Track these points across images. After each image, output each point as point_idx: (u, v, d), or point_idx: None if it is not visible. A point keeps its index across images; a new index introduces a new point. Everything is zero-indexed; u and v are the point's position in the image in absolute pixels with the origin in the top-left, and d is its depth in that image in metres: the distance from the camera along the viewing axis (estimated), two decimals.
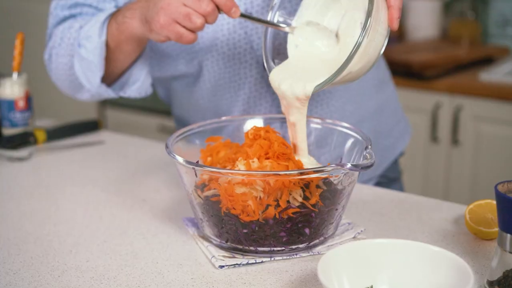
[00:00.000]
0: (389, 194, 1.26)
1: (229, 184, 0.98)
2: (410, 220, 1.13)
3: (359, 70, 1.03)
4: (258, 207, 0.98)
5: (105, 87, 1.32)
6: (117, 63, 1.29)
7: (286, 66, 1.12)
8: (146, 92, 1.36)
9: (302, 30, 1.11)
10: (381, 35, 1.03)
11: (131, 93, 1.34)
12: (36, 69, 2.14)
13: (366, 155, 1.01)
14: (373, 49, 1.02)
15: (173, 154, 1.02)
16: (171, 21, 1.09)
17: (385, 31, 1.03)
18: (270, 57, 1.13)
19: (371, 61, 1.04)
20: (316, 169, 0.97)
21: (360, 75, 1.05)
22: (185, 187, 1.05)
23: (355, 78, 1.05)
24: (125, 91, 1.34)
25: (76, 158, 1.47)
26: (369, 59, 1.03)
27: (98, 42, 1.25)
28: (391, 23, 1.03)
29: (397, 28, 1.04)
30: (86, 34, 1.27)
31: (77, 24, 1.32)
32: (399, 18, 1.03)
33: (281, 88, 1.07)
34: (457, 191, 2.46)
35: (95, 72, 1.28)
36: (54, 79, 1.39)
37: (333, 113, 1.38)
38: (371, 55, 1.02)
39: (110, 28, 1.25)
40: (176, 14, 1.08)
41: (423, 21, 2.80)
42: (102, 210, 1.19)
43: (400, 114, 1.56)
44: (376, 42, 1.02)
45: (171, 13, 1.09)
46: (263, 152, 1.02)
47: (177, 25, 1.09)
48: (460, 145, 2.42)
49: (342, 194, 1.03)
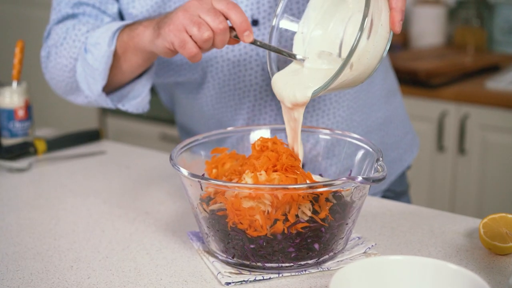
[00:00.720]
0: (398, 206, 1.23)
1: (236, 198, 0.95)
2: (422, 233, 1.10)
3: (359, 75, 1.00)
4: (266, 222, 0.94)
5: (105, 97, 1.28)
6: (120, 73, 1.26)
7: (288, 70, 1.09)
8: (144, 109, 1.33)
9: (313, 61, 1.08)
10: (383, 39, 0.99)
11: (129, 107, 1.31)
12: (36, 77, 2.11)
13: (378, 167, 0.98)
14: (373, 53, 0.98)
15: (177, 167, 0.99)
16: (181, 27, 1.06)
17: (387, 34, 0.99)
18: (274, 62, 1.11)
19: (373, 65, 1.00)
20: (326, 183, 0.94)
21: (362, 79, 1.02)
22: (190, 200, 1.02)
23: (356, 82, 1.02)
24: (124, 104, 1.31)
25: (77, 168, 1.44)
26: (370, 63, 0.99)
27: (107, 51, 1.22)
28: (393, 26, 0.99)
29: (399, 31, 1.00)
30: (95, 41, 1.23)
31: (84, 28, 1.28)
32: (401, 21, 0.99)
33: (282, 93, 1.05)
34: (464, 201, 2.43)
35: (97, 80, 1.25)
36: (48, 77, 1.36)
37: (340, 123, 1.35)
38: (371, 59, 0.99)
39: (121, 36, 1.22)
40: (187, 21, 1.05)
41: (427, 28, 2.78)
42: (104, 223, 1.16)
43: (408, 126, 1.53)
44: (376, 45, 0.98)
45: (183, 19, 1.06)
46: (270, 165, 0.99)
47: (184, 32, 1.06)
48: (467, 154, 2.40)
49: (352, 208, 1.00)
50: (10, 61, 1.50)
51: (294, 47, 1.11)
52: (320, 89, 0.99)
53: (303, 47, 1.10)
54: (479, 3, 2.78)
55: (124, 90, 1.31)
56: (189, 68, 1.32)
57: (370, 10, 0.94)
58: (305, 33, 1.11)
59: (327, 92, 1.01)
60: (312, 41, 1.09)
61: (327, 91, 1.01)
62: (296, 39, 1.11)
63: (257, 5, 1.26)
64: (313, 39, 1.09)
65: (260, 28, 1.28)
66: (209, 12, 1.05)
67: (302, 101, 1.03)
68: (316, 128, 1.17)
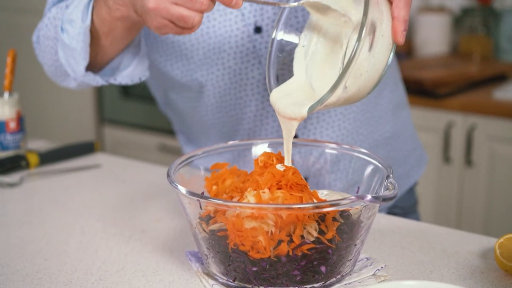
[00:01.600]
0: (408, 224, 1.17)
1: (237, 217, 0.89)
2: (434, 254, 1.05)
3: (359, 89, 0.94)
4: (269, 243, 0.89)
5: (93, 75, 1.19)
6: (102, 49, 1.17)
7: (287, 85, 1.04)
8: (141, 78, 1.23)
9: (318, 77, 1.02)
10: (385, 50, 0.92)
11: (123, 79, 1.21)
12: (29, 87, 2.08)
13: (388, 185, 0.93)
14: (374, 65, 0.92)
15: (175, 184, 0.94)
16: (166, 22, 0.99)
17: (389, 46, 0.93)
18: (274, 73, 1.05)
19: (374, 78, 0.94)
20: (334, 202, 0.88)
21: (364, 94, 0.96)
22: (188, 219, 0.97)
23: (359, 96, 0.96)
24: (116, 78, 1.21)
25: (70, 183, 1.39)
26: (371, 76, 0.93)
27: (82, 27, 1.13)
28: (395, 36, 0.91)
29: (402, 42, 0.92)
30: (69, 18, 1.15)
31: (63, 3, 1.20)
32: (405, 31, 0.91)
33: (279, 109, 0.99)
34: (471, 215, 2.39)
35: (78, 61, 1.17)
36: (42, 63, 1.28)
37: (346, 136, 1.30)
38: (372, 72, 0.93)
39: (99, 12, 1.13)
40: (168, 16, 0.98)
41: (432, 36, 2.75)
42: (97, 242, 1.11)
43: (416, 141, 1.48)
44: (377, 57, 0.92)
45: (162, 15, 0.98)
46: (275, 182, 0.94)
47: (173, 25, 0.99)
48: (474, 166, 2.36)
49: (361, 228, 0.94)
50: (1, 71, 1.44)
51: (295, 61, 1.05)
52: (316, 105, 0.93)
53: (304, 61, 1.04)
54: (484, 11, 2.75)
55: (113, 63, 1.22)
56: (186, 78, 1.27)
57: (368, 19, 0.88)
58: (306, 46, 1.05)
59: (328, 107, 0.96)
60: (314, 55, 1.04)
61: (327, 107, 0.96)
62: (297, 52, 1.06)
63: (261, 11, 1.21)
64: (315, 53, 1.04)
65: (263, 36, 1.23)
66: None
67: (299, 117, 0.97)
68: (321, 142, 1.12)
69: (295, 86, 1.03)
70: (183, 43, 1.24)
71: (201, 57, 1.24)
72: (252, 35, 1.23)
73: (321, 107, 0.93)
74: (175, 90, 1.34)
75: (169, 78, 1.30)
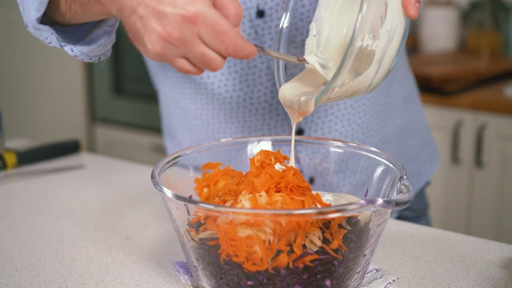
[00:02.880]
0: (420, 230, 1.08)
1: (230, 225, 0.80)
2: (450, 264, 0.95)
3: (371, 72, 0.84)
4: (266, 254, 0.80)
5: (48, 31, 0.95)
6: (62, 17, 0.95)
7: (298, 80, 0.95)
8: (101, 57, 1.01)
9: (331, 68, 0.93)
10: (397, 26, 0.84)
11: (81, 53, 0.98)
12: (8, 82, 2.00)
13: (402, 187, 0.83)
14: (385, 46, 0.83)
15: (160, 186, 0.84)
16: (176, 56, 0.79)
17: (402, 21, 0.84)
18: (282, 66, 0.95)
19: (388, 60, 0.85)
20: (340, 207, 0.78)
21: (378, 80, 0.86)
22: (176, 226, 0.87)
23: (371, 85, 0.86)
24: (73, 49, 0.97)
25: (50, 185, 1.29)
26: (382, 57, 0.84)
27: None
28: (406, 9, 0.83)
29: (415, 16, 0.83)
30: None
31: None
32: (417, 3, 0.82)
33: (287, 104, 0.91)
34: (481, 218, 2.33)
35: (29, 9, 0.94)
36: None
37: (356, 131, 1.20)
38: (383, 54, 0.84)
39: None
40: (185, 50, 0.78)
41: (438, 31, 2.71)
42: (76, 251, 1.01)
43: (427, 136, 1.39)
44: (385, 38, 0.83)
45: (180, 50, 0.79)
46: (273, 184, 0.84)
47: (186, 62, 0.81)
48: (484, 167, 2.30)
49: (370, 236, 0.84)
50: None
51: (307, 52, 0.96)
52: (324, 93, 0.83)
53: (317, 52, 0.95)
54: (494, 5, 2.71)
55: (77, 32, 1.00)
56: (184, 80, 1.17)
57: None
58: (318, 35, 0.96)
59: (337, 99, 0.86)
60: (327, 44, 0.94)
61: (337, 99, 0.86)
62: (309, 43, 0.96)
63: None
64: (328, 42, 0.94)
65: (266, 20, 1.14)
66: None
67: (306, 111, 0.88)
68: (326, 140, 1.02)
69: (307, 79, 0.93)
70: None
71: None
72: (254, 19, 1.14)
73: (330, 96, 0.83)
74: (165, 72, 1.23)
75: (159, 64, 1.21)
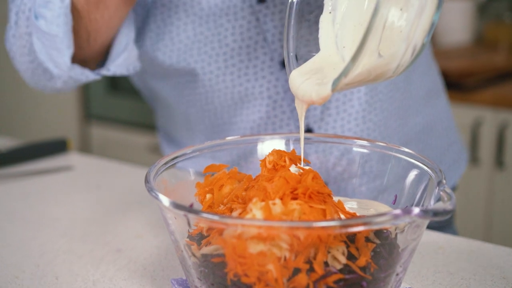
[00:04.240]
0: (452, 241, 0.97)
1: (239, 239, 0.69)
2: (492, 282, 0.84)
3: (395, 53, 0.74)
4: (282, 273, 0.69)
5: (80, 68, 1.02)
6: (100, 26, 1.00)
7: (312, 62, 0.83)
8: (135, 68, 1.07)
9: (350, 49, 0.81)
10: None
11: (117, 69, 1.05)
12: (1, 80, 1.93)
13: (442, 194, 0.72)
14: (416, 17, 0.73)
15: (155, 193, 0.73)
16: None
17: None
18: (293, 48, 0.84)
19: (418, 37, 0.74)
20: (369, 219, 0.67)
21: (407, 60, 0.75)
22: (174, 239, 0.76)
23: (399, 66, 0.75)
24: (109, 68, 1.04)
25: (34, 189, 1.18)
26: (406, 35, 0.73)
27: (62, 8, 0.96)
28: None
29: None
30: (43, 0, 0.97)
31: None
32: None
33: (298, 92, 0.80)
34: (503, 224, 2.24)
35: (61, 50, 0.99)
36: (19, 71, 1.09)
37: (372, 130, 1.09)
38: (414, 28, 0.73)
39: None
40: None
41: (454, 24, 2.66)
42: (59, 265, 0.89)
43: (454, 135, 1.28)
44: (417, 7, 0.72)
45: None
46: (288, 189, 0.73)
47: None
48: (506, 168, 2.21)
49: (403, 251, 0.73)
50: None
51: (321, 31, 0.85)
52: (343, 75, 0.71)
53: (333, 30, 0.83)
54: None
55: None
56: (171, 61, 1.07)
57: None
58: (334, 10, 0.84)
59: (360, 82, 0.75)
60: (344, 22, 0.83)
61: (358, 84, 0.75)
62: (323, 20, 0.84)
63: None
64: (345, 19, 0.83)
65: (269, 6, 1.04)
66: None
67: (322, 98, 0.76)
68: (347, 138, 0.91)
69: (323, 63, 0.81)
70: (169, 17, 1.05)
71: (190, 34, 1.04)
72: (255, 5, 1.04)
73: (351, 79, 0.71)
74: (158, 76, 1.14)
75: (152, 62, 1.10)
